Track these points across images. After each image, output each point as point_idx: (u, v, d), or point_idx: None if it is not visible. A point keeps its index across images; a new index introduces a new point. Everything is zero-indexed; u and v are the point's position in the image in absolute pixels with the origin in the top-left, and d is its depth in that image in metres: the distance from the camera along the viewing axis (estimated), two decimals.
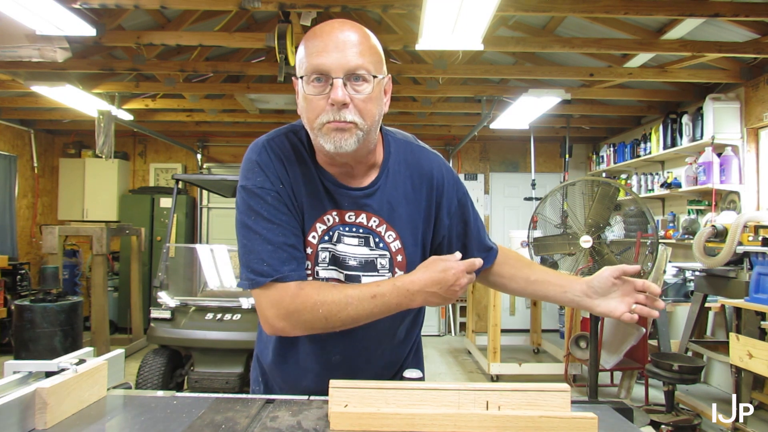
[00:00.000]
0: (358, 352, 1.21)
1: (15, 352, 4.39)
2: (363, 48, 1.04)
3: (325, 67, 1.01)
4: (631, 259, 4.06)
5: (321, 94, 1.03)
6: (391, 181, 1.17)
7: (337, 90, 1.01)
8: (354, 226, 1.15)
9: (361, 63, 1.03)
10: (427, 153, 1.24)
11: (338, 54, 1.01)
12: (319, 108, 1.03)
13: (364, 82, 1.04)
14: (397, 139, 1.22)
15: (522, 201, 7.32)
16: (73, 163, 7.42)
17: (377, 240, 1.16)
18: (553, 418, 0.91)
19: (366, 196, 1.15)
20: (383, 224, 1.16)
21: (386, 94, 1.14)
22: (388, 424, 0.91)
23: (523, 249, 4.52)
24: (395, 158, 1.19)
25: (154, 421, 0.97)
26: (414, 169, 1.20)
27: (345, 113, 1.02)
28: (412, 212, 1.19)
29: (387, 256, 1.17)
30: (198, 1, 3.67)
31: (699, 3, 3.43)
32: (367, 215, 1.15)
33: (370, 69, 1.04)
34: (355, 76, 1.03)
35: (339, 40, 1.02)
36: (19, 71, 4.57)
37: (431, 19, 2.90)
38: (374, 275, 1.16)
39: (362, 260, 1.16)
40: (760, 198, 4.47)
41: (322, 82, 1.03)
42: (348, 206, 1.15)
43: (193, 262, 4.79)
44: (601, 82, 4.96)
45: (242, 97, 5.55)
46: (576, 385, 4.84)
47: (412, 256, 1.18)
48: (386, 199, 1.16)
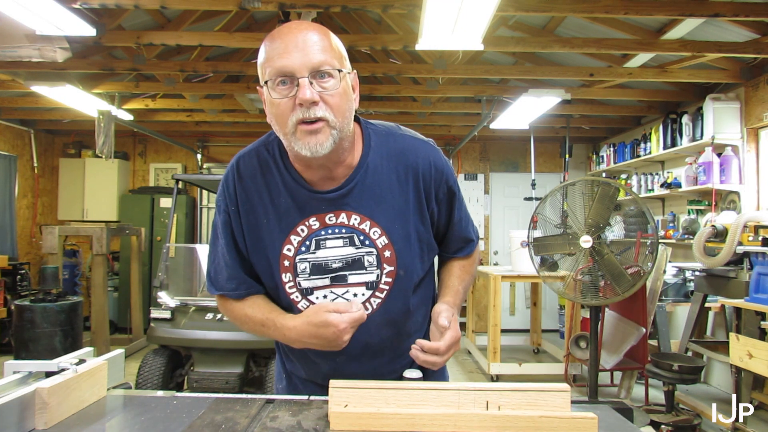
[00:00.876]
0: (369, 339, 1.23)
1: (15, 352, 4.39)
2: (324, 44, 1.03)
3: (288, 69, 1.01)
4: (631, 259, 4.06)
5: (288, 96, 1.02)
6: (372, 175, 1.15)
7: (304, 90, 1.00)
8: (336, 227, 1.15)
9: (324, 59, 1.02)
10: (412, 141, 1.20)
11: (300, 53, 1.01)
12: (287, 110, 1.03)
13: (330, 77, 1.03)
14: (378, 131, 1.19)
15: (522, 201, 7.32)
16: (73, 163, 7.42)
17: (362, 238, 1.15)
18: (553, 418, 0.91)
19: (343, 196, 1.14)
20: (366, 221, 1.15)
21: (354, 91, 1.12)
22: (388, 424, 0.91)
23: (523, 249, 4.52)
24: (376, 152, 1.16)
25: (154, 421, 0.97)
26: (399, 160, 1.17)
27: (315, 110, 1.01)
28: (399, 205, 1.16)
29: (374, 253, 1.15)
30: (198, 1, 3.67)
31: (699, 3, 3.42)
32: (347, 214, 1.14)
33: (335, 64, 1.04)
34: (321, 73, 1.02)
35: (299, 40, 1.02)
36: (19, 71, 4.57)
37: (431, 19, 2.90)
38: (362, 273, 1.16)
39: (348, 260, 1.15)
40: (760, 198, 4.47)
41: (288, 84, 1.02)
42: (326, 209, 1.14)
43: (193, 262, 4.79)
44: (601, 82, 4.96)
45: (242, 97, 5.55)
46: (576, 385, 4.84)
47: (403, 251, 1.17)
48: (367, 195, 1.15)
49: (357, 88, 1.14)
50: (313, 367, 1.25)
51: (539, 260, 3.93)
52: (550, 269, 4.16)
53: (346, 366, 1.21)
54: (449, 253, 1.31)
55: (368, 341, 1.20)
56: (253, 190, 1.16)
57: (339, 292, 1.17)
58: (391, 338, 1.23)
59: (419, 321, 1.28)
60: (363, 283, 1.17)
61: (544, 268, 4.04)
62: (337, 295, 1.17)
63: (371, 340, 1.20)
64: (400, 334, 1.23)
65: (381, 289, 1.18)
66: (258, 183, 1.16)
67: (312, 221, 1.15)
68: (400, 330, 1.23)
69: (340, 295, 1.17)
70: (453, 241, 1.29)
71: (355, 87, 1.13)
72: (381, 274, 1.17)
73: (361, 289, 1.17)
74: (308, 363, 1.26)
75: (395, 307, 1.20)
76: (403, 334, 1.24)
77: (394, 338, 1.23)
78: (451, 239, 1.29)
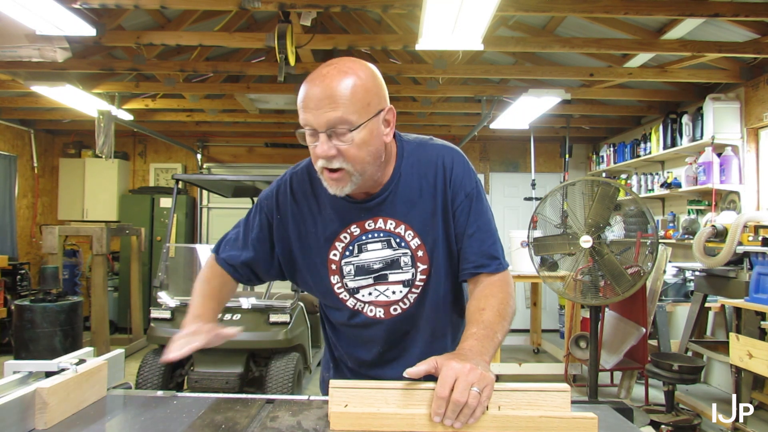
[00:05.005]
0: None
1: (15, 352, 4.39)
2: (344, 99, 1.08)
3: (309, 123, 1.10)
4: (631, 259, 4.07)
5: (314, 144, 1.12)
6: (404, 183, 1.25)
7: (322, 146, 1.10)
8: (375, 232, 1.27)
9: (340, 116, 1.07)
10: (439, 148, 1.29)
11: (317, 112, 1.08)
12: (314, 156, 1.14)
13: (348, 132, 1.09)
14: (410, 141, 1.30)
15: (522, 201, 7.31)
16: (73, 163, 7.42)
17: (398, 240, 1.26)
18: (553, 418, 0.91)
19: (380, 204, 1.25)
20: (401, 225, 1.26)
21: (388, 125, 1.18)
22: (388, 424, 0.91)
23: (524, 249, 4.52)
24: (408, 160, 1.27)
25: (154, 421, 0.97)
26: (428, 166, 1.27)
27: (333, 162, 1.11)
28: (428, 209, 1.26)
29: (408, 253, 1.27)
30: (198, 1, 3.68)
31: (699, 3, 3.42)
32: (383, 219, 1.26)
33: (352, 119, 1.09)
34: (337, 128, 1.09)
35: (317, 97, 1.08)
36: (19, 71, 4.57)
37: (431, 19, 2.90)
38: (399, 272, 1.27)
39: (387, 260, 1.27)
40: (760, 198, 4.47)
41: (312, 135, 1.12)
42: (366, 216, 1.26)
43: (193, 262, 4.79)
44: (601, 82, 4.96)
45: (242, 97, 5.55)
46: (576, 385, 4.84)
47: (434, 251, 1.26)
48: (400, 201, 1.25)
49: (392, 122, 1.19)
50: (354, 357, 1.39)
51: (539, 260, 3.93)
52: (550, 269, 4.16)
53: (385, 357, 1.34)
54: (471, 267, 1.23)
55: (407, 332, 1.32)
56: (303, 203, 1.30)
57: (381, 289, 1.29)
58: (426, 335, 1.33)
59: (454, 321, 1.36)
60: (401, 281, 1.28)
61: (544, 268, 4.04)
62: (379, 291, 1.29)
63: (410, 333, 1.32)
64: (434, 332, 1.33)
65: (416, 286, 1.29)
66: (308, 196, 1.30)
67: (353, 228, 1.27)
68: (434, 327, 1.33)
69: (382, 292, 1.29)
70: (473, 252, 1.23)
71: (390, 121, 1.19)
72: (416, 272, 1.27)
73: (398, 287, 1.28)
74: (351, 353, 1.39)
75: (429, 302, 1.30)
76: (437, 331, 1.34)
77: (429, 335, 1.33)
78: (471, 249, 1.23)
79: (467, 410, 0.89)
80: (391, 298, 1.29)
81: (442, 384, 0.90)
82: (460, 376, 0.90)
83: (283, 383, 3.72)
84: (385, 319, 1.30)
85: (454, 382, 0.89)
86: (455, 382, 0.89)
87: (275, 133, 7.50)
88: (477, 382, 0.89)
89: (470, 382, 0.89)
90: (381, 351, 1.34)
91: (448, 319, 1.35)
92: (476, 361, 0.95)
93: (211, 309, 1.31)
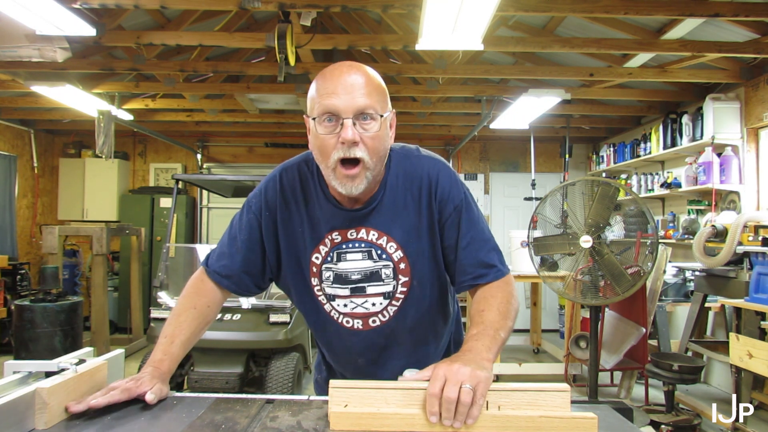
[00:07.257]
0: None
1: (15, 352, 4.39)
2: (370, 89, 1.12)
3: (335, 108, 1.10)
4: (631, 259, 4.07)
5: (332, 133, 1.11)
6: (389, 194, 1.24)
7: (347, 130, 1.09)
8: (356, 242, 1.25)
9: (369, 103, 1.11)
10: (426, 160, 1.27)
11: (347, 96, 1.10)
12: (330, 146, 1.12)
13: (372, 120, 1.12)
14: (398, 153, 1.28)
15: (522, 201, 7.31)
16: (73, 163, 7.42)
17: (379, 252, 1.24)
18: (553, 418, 0.91)
19: (366, 214, 1.24)
20: (383, 236, 1.24)
21: (391, 129, 1.22)
22: (388, 424, 0.91)
23: (523, 249, 4.52)
24: (394, 171, 1.25)
25: (153, 420, 0.97)
26: (413, 178, 1.25)
27: (355, 150, 1.11)
28: (413, 222, 1.24)
29: (390, 266, 1.25)
30: (198, 1, 3.67)
31: (699, 3, 3.42)
32: (366, 230, 1.24)
33: (377, 108, 1.13)
34: (364, 115, 1.11)
35: (347, 83, 1.10)
36: (19, 71, 4.57)
37: (431, 19, 2.90)
38: (379, 284, 1.26)
39: (366, 272, 1.25)
40: (760, 198, 4.47)
41: (333, 122, 1.11)
42: (349, 225, 1.24)
43: (193, 262, 4.78)
44: (601, 82, 4.96)
45: (242, 97, 5.55)
46: (576, 385, 4.84)
47: (418, 265, 1.25)
48: (385, 212, 1.24)
49: (394, 126, 1.23)
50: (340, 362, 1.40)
51: (539, 260, 3.93)
52: (550, 269, 4.16)
53: (366, 368, 1.34)
54: (469, 279, 1.22)
55: (386, 345, 1.31)
56: (292, 200, 1.28)
57: (358, 301, 1.27)
58: (407, 345, 1.33)
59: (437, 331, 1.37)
60: (381, 293, 1.27)
61: (544, 268, 4.04)
62: (356, 304, 1.27)
63: (389, 345, 1.31)
64: (416, 342, 1.33)
65: (397, 298, 1.27)
66: (297, 194, 1.28)
67: (335, 235, 1.25)
68: (417, 338, 1.33)
69: (360, 305, 1.27)
70: (469, 264, 1.22)
71: (393, 125, 1.22)
72: (397, 284, 1.26)
73: (379, 299, 1.27)
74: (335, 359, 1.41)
75: (410, 315, 1.29)
76: (419, 342, 1.34)
77: (410, 345, 1.33)
78: (467, 261, 1.22)
79: (462, 408, 0.89)
80: (370, 310, 1.27)
81: (432, 383, 0.92)
82: (449, 375, 0.91)
83: (283, 383, 3.72)
84: (363, 330, 1.29)
85: (444, 381, 0.91)
86: (445, 381, 0.91)
87: (275, 133, 7.50)
88: (467, 379, 0.90)
89: (460, 380, 0.90)
90: (362, 360, 1.34)
91: (432, 328, 1.36)
92: (469, 358, 0.97)
93: (176, 352, 1.21)
